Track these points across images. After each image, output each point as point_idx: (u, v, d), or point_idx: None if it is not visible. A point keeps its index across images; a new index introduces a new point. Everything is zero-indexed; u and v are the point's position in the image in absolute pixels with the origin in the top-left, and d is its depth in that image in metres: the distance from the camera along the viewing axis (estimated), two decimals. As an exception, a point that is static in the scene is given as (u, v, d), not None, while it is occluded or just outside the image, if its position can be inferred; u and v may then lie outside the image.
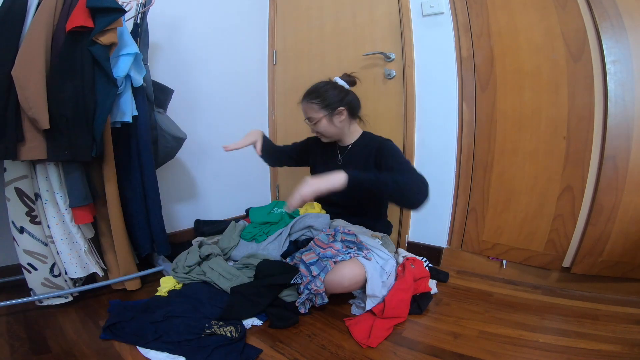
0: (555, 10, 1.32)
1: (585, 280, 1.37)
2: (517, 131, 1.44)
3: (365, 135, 1.48)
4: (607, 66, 1.23)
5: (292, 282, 1.20)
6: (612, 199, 1.27)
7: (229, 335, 1.03)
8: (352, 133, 1.49)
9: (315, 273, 1.16)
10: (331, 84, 1.41)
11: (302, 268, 1.20)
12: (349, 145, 1.49)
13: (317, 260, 1.19)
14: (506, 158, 1.48)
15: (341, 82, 1.42)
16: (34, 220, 1.20)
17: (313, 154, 1.64)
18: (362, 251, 1.23)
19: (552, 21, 1.33)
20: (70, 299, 1.27)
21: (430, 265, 1.55)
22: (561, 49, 1.31)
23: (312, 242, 1.28)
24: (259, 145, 1.61)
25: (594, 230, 1.31)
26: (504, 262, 1.53)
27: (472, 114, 1.54)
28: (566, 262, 1.39)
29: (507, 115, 1.46)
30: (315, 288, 1.16)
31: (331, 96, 1.37)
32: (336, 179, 1.09)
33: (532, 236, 1.45)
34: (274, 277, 1.23)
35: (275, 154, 1.74)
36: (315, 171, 1.61)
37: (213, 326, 1.06)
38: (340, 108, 1.37)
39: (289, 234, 1.46)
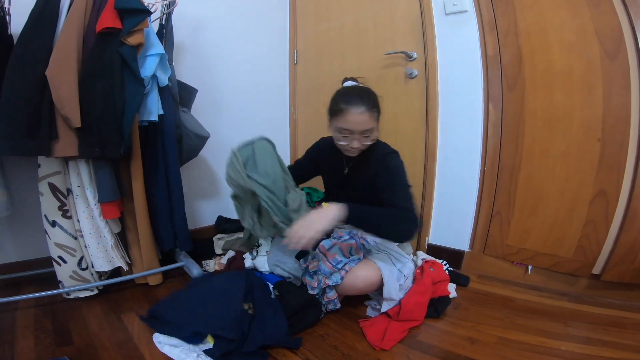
0: (588, 8, 1.26)
1: (616, 288, 1.30)
2: (547, 132, 1.39)
3: (374, 145, 1.29)
4: (646, 65, 1.17)
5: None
6: (648, 205, 1.21)
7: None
8: None
9: (328, 283, 1.15)
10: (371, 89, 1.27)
11: (307, 279, 1.20)
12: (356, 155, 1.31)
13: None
14: (535, 160, 1.43)
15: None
16: (65, 214, 1.25)
17: (323, 162, 1.49)
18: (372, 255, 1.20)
19: (585, 19, 1.27)
20: (95, 292, 1.32)
21: (450, 268, 1.52)
22: (595, 48, 1.25)
23: (317, 248, 1.18)
24: None
25: (627, 236, 1.25)
26: (530, 267, 1.48)
27: (498, 115, 1.49)
28: (596, 269, 1.33)
29: (537, 116, 1.40)
30: (326, 298, 1.16)
31: (378, 104, 1.21)
32: (331, 217, 1.07)
33: (560, 242, 1.39)
34: (301, 311, 1.15)
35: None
36: (324, 180, 1.55)
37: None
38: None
39: None
